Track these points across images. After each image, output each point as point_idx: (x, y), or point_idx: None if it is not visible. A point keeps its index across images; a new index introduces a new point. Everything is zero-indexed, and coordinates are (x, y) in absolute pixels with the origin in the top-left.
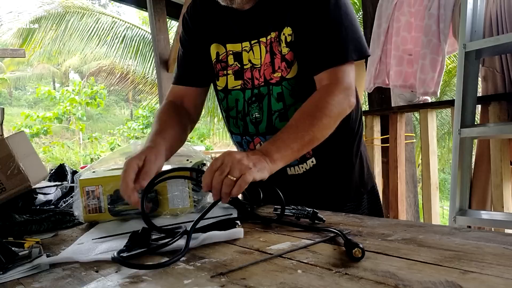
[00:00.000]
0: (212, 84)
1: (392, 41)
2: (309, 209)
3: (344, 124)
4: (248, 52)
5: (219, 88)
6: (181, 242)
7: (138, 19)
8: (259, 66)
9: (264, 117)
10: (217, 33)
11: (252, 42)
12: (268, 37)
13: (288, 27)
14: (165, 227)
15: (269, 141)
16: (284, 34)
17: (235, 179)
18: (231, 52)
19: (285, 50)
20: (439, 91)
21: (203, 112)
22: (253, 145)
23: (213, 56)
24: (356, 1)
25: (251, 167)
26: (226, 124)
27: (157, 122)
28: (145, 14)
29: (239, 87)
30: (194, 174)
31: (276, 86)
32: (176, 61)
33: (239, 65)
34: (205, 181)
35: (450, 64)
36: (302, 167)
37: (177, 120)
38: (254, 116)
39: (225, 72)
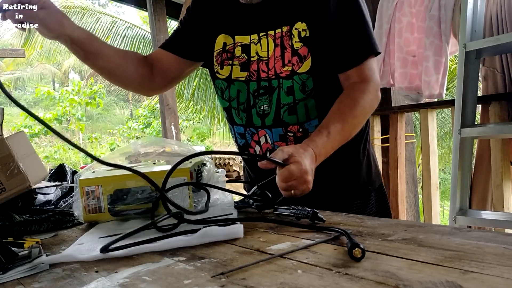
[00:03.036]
0: (211, 79)
1: (395, 42)
2: (309, 209)
3: None
4: (256, 45)
5: (221, 77)
6: (177, 240)
7: (139, 19)
8: (266, 58)
9: (272, 110)
10: (226, 24)
11: (261, 34)
12: (278, 31)
13: (303, 23)
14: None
15: (321, 138)
16: (297, 28)
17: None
18: (239, 44)
19: (297, 44)
20: (444, 92)
21: (202, 113)
22: (257, 137)
23: (219, 45)
24: None
25: (311, 184)
26: (227, 115)
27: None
28: (145, 14)
29: (243, 78)
30: (194, 174)
31: (286, 80)
32: (174, 34)
33: (246, 57)
34: (281, 187)
35: (452, 66)
36: None
37: (126, 52)
38: (262, 108)
39: (230, 62)
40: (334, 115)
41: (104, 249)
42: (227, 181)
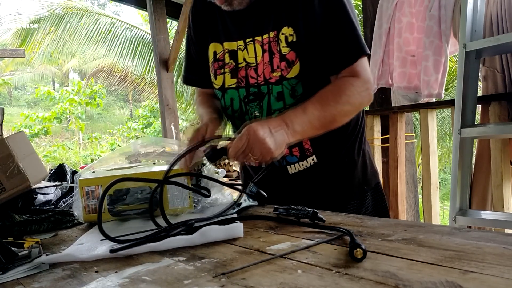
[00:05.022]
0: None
1: (394, 42)
2: (309, 209)
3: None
4: (242, 51)
5: (216, 86)
6: (178, 239)
7: (140, 18)
8: (255, 64)
9: (263, 116)
10: (215, 32)
11: (247, 40)
12: (265, 36)
13: (289, 27)
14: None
15: (295, 111)
16: (283, 33)
17: (257, 159)
18: (227, 51)
19: (285, 49)
20: (443, 92)
21: None
22: None
23: (211, 55)
24: (359, 3)
25: (272, 148)
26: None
27: (200, 107)
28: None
29: (234, 85)
30: (196, 170)
31: (275, 85)
32: (184, 60)
33: (234, 64)
34: (231, 155)
35: (452, 66)
36: (302, 164)
37: (214, 103)
38: (253, 114)
39: (222, 70)
40: (315, 97)
41: (114, 251)
42: (224, 184)
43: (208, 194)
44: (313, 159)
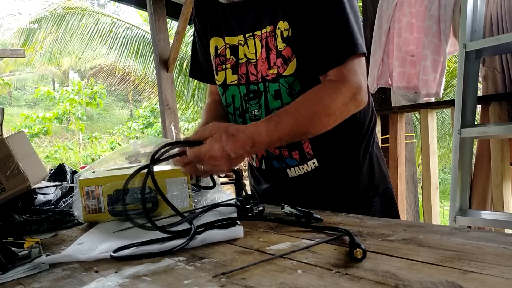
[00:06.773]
0: None
1: (394, 42)
2: (305, 210)
3: (349, 125)
4: (243, 46)
5: (218, 83)
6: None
7: (140, 18)
8: (255, 60)
9: (262, 115)
10: (216, 26)
11: (247, 35)
12: (263, 31)
13: (285, 21)
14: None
15: (266, 126)
16: (279, 28)
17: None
18: (228, 46)
19: (281, 45)
20: (441, 91)
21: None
22: None
23: (212, 50)
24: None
25: (228, 165)
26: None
27: (202, 117)
28: (146, 13)
29: (235, 82)
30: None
31: (272, 83)
32: (191, 53)
33: (234, 59)
34: (186, 167)
35: (452, 66)
36: (302, 168)
37: (218, 112)
38: (253, 113)
39: (223, 66)
40: (291, 108)
41: (115, 252)
42: (221, 183)
43: (213, 186)
44: (314, 163)
